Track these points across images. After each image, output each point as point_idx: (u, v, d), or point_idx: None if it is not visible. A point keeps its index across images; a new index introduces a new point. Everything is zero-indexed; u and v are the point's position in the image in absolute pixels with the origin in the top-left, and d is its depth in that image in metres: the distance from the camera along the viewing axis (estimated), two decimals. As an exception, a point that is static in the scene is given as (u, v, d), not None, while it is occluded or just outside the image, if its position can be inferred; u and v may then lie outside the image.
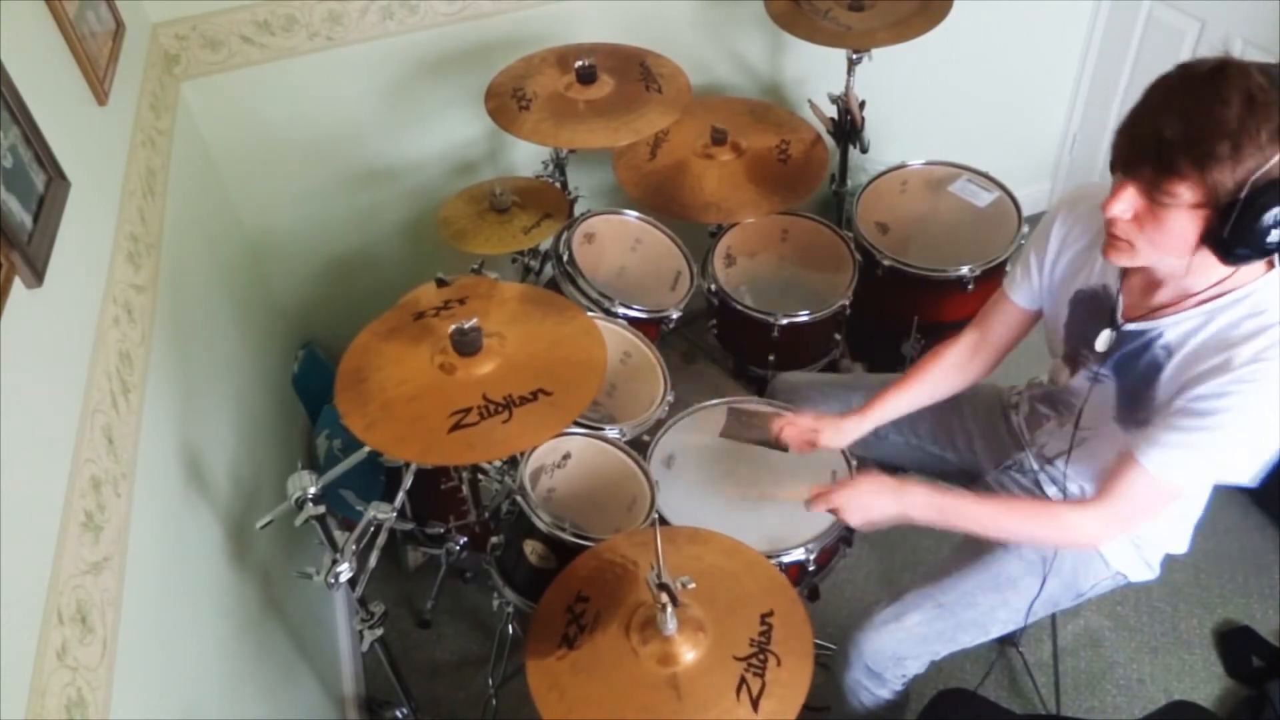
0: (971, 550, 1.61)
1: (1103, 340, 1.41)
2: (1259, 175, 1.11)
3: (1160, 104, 1.15)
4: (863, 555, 2.27)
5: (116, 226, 1.37)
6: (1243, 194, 1.12)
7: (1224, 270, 1.25)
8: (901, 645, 1.55)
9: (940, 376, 1.69)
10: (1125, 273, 1.39)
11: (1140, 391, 1.36)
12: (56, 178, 1.19)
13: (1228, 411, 1.22)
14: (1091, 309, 1.44)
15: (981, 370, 1.69)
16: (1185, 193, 1.15)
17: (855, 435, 1.68)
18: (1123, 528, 1.42)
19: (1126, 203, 1.21)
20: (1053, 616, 2.04)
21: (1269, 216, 1.13)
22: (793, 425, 1.68)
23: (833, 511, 1.45)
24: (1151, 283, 1.34)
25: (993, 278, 2.09)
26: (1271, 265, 1.27)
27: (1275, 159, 1.11)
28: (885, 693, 1.59)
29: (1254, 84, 1.11)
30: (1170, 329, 1.31)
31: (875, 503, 1.44)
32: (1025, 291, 1.57)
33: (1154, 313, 1.33)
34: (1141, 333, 1.35)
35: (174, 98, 1.93)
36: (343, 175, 2.27)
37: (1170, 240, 1.21)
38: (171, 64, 1.96)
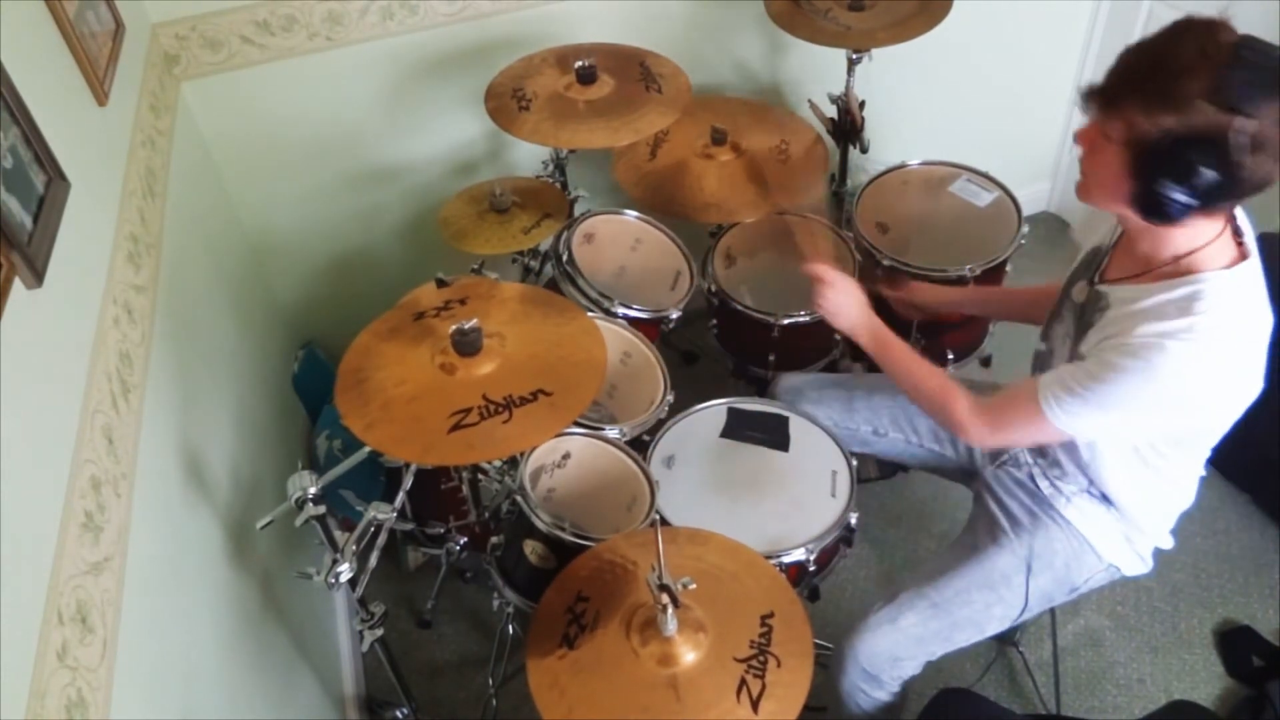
0: (964, 548, 1.62)
1: (1078, 290, 1.45)
2: (1175, 127, 1.14)
3: (1140, 40, 1.21)
4: (863, 555, 2.27)
5: (116, 227, 1.37)
6: (1157, 144, 1.15)
7: (1179, 244, 1.27)
8: (897, 646, 1.55)
9: (1027, 300, 1.79)
10: (1119, 238, 1.42)
11: (1076, 350, 1.40)
12: (56, 178, 1.19)
13: (1117, 370, 1.25)
14: (1087, 267, 1.48)
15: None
16: (1117, 124, 1.19)
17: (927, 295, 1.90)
18: (991, 430, 1.44)
19: (1088, 132, 1.26)
20: (1052, 616, 2.04)
21: (1173, 176, 1.15)
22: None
23: (818, 284, 1.62)
24: (1127, 247, 1.37)
25: (993, 278, 2.09)
26: (1242, 258, 1.27)
27: (1195, 119, 1.12)
28: (883, 695, 1.60)
29: (1213, 41, 1.13)
30: (1117, 293, 1.34)
31: (846, 307, 1.61)
32: (1091, 230, 1.62)
33: (1119, 279, 1.37)
34: (1101, 295, 1.38)
35: (174, 98, 1.93)
36: (343, 175, 2.27)
37: (1102, 177, 1.25)
38: (171, 64, 1.96)
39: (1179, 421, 1.33)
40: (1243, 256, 1.28)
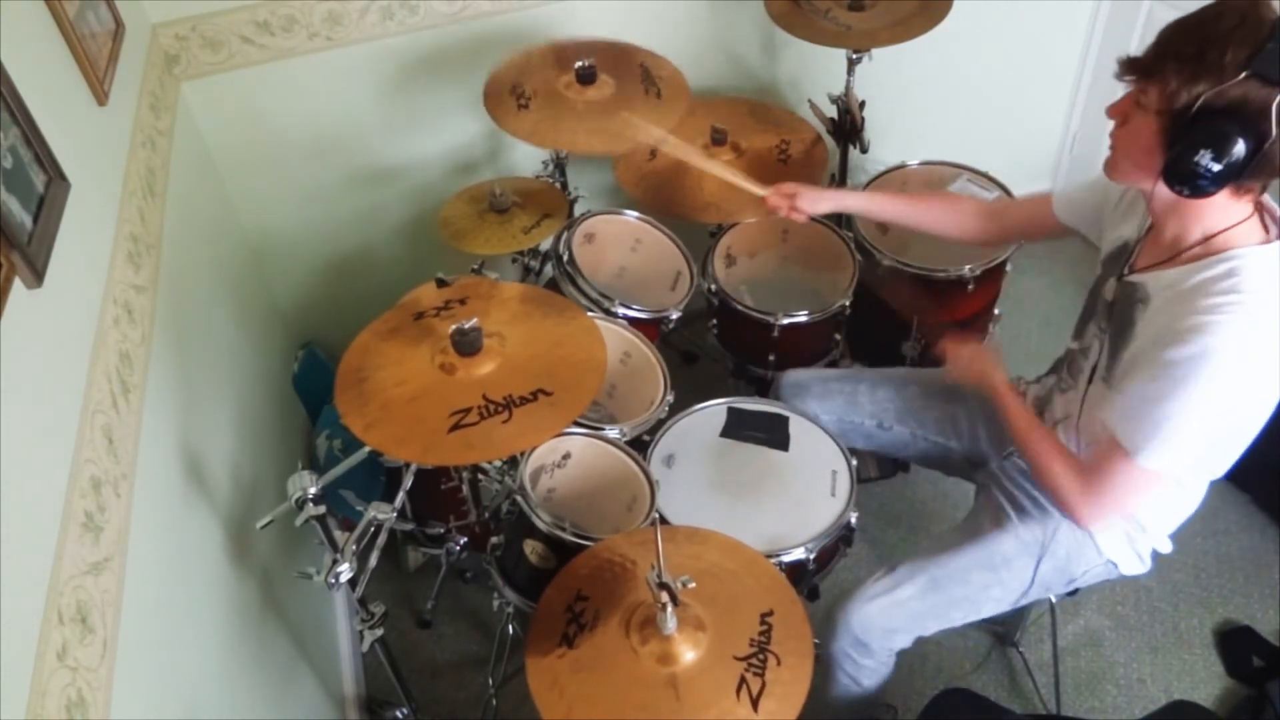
0: (968, 531, 1.62)
1: (1109, 289, 1.43)
2: (1210, 95, 1.13)
3: (1183, 14, 1.19)
4: (862, 555, 2.27)
5: (116, 227, 1.37)
6: (1192, 112, 1.14)
7: (1213, 223, 1.25)
8: (892, 618, 1.56)
9: (941, 207, 1.82)
10: (1147, 231, 1.41)
11: (1119, 347, 1.37)
12: (56, 178, 1.19)
13: (1175, 365, 1.21)
14: (1114, 263, 1.46)
15: (975, 232, 1.77)
16: (1153, 92, 1.18)
17: (828, 204, 1.86)
18: (1101, 505, 1.37)
19: (1120, 104, 1.25)
20: (1053, 616, 2.04)
21: (1205, 144, 1.14)
22: (776, 192, 1.85)
23: (942, 352, 1.62)
24: (1156, 234, 1.35)
25: (993, 278, 2.09)
26: (1268, 237, 1.26)
27: (1231, 89, 1.11)
28: (871, 663, 1.60)
29: (1255, 15, 1.12)
30: (1154, 282, 1.32)
31: (972, 366, 1.59)
32: (1067, 202, 1.62)
33: (1150, 267, 1.35)
34: (1135, 285, 1.36)
35: (174, 98, 1.93)
36: (343, 175, 2.27)
37: (1133, 149, 1.25)
38: (171, 64, 1.96)
39: (1252, 404, 1.26)
40: (1267, 233, 1.26)
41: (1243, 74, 1.10)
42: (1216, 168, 1.14)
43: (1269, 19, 1.12)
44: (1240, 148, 1.12)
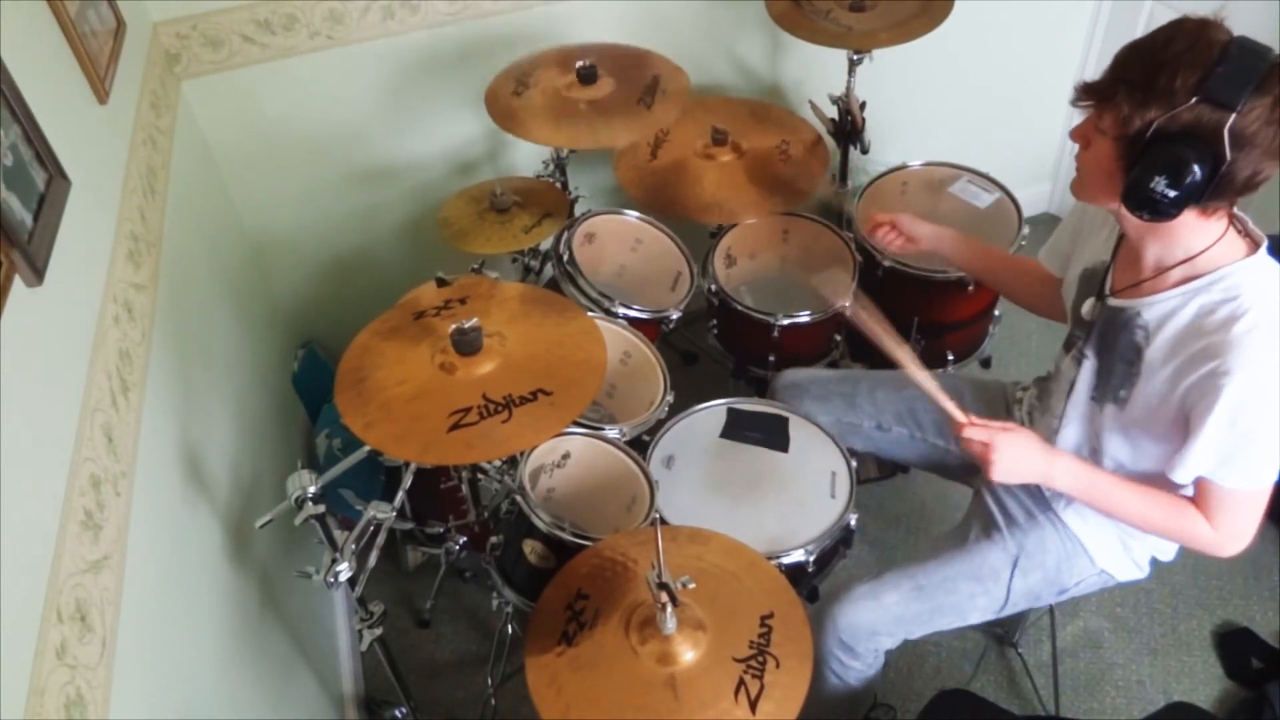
0: (957, 538, 1.63)
1: (1087, 307, 1.43)
2: (1162, 121, 1.14)
3: (1136, 38, 1.21)
4: (862, 557, 2.27)
5: (117, 225, 1.37)
6: (1146, 137, 1.16)
7: (1192, 243, 1.26)
8: (877, 622, 1.56)
9: (1020, 269, 1.79)
10: (1117, 248, 1.41)
11: (1120, 369, 1.37)
12: (57, 176, 1.19)
13: (1224, 390, 1.21)
14: (1090, 283, 1.46)
15: (1040, 300, 1.74)
16: (1108, 118, 1.20)
17: (926, 231, 1.82)
18: (1239, 538, 1.34)
19: (1082, 128, 1.27)
20: (1052, 617, 2.04)
21: (1160, 170, 1.15)
22: (880, 225, 1.86)
23: (979, 454, 1.37)
24: (1134, 255, 1.36)
25: (993, 279, 2.08)
26: (1254, 249, 1.27)
27: (1181, 113, 1.12)
28: (857, 664, 1.61)
29: (1204, 39, 1.13)
30: (1148, 309, 1.32)
31: (1024, 461, 1.37)
32: (1050, 254, 1.66)
33: (1134, 289, 1.35)
34: (1122, 310, 1.36)
35: (174, 96, 1.93)
36: (343, 175, 2.27)
37: (1095, 173, 1.26)
38: (172, 63, 1.96)
39: None
40: (1255, 245, 1.27)
41: (1193, 99, 1.12)
42: (1173, 192, 1.15)
43: (1218, 42, 1.13)
44: (1197, 171, 1.13)
